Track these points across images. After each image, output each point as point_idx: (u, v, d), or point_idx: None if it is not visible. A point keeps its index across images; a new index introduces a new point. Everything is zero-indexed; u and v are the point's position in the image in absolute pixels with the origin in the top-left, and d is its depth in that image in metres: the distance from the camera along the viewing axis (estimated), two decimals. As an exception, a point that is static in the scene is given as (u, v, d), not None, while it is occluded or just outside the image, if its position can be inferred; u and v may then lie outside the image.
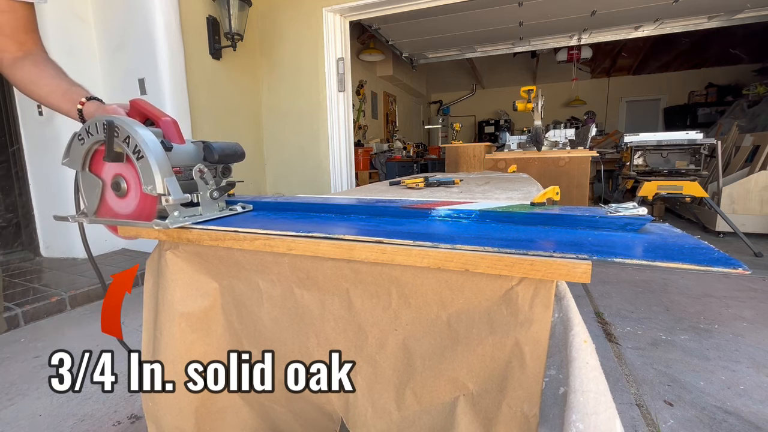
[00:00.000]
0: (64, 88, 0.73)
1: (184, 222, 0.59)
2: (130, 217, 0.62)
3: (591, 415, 0.36)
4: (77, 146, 0.63)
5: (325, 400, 0.59)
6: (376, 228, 0.53)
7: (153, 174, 0.55)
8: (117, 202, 0.64)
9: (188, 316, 0.65)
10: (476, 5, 3.77)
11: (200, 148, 0.64)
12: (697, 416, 1.10)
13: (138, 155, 0.56)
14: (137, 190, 0.60)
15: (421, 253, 0.44)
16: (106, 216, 0.65)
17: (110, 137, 0.57)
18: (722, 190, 3.22)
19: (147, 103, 0.63)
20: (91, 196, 0.66)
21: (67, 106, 0.72)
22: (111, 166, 0.62)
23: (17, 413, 1.17)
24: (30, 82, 0.73)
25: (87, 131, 0.60)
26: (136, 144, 0.56)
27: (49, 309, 1.88)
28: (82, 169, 0.64)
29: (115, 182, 0.62)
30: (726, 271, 0.33)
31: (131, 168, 0.60)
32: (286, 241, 0.52)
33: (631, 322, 1.69)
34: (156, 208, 0.59)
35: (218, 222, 0.61)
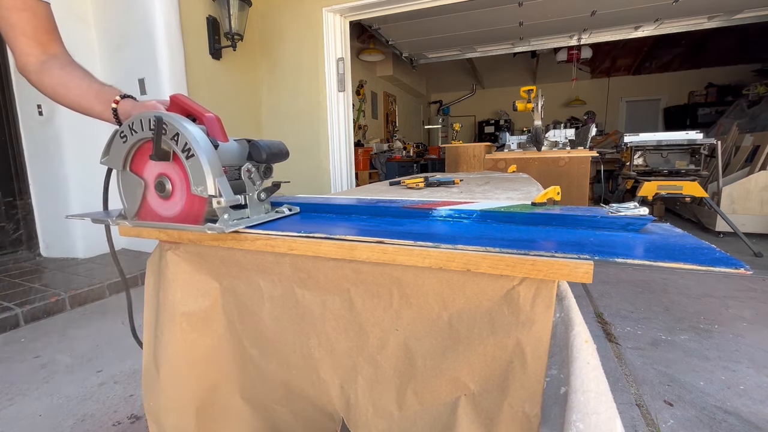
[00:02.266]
0: (95, 90, 0.69)
1: (237, 226, 0.55)
2: (175, 219, 0.59)
3: (591, 414, 0.36)
4: (119, 144, 0.59)
5: (326, 400, 0.59)
6: (377, 228, 0.53)
7: (204, 174, 0.51)
8: (160, 203, 0.60)
9: (189, 315, 0.65)
10: (476, 5, 3.77)
11: (244, 147, 0.60)
12: (697, 416, 1.10)
13: (188, 154, 0.52)
14: (183, 191, 0.57)
15: (423, 253, 0.44)
16: (147, 218, 0.61)
17: (158, 134, 0.53)
18: (722, 190, 3.22)
19: (188, 99, 0.60)
20: (131, 197, 0.62)
21: (100, 108, 0.68)
22: (154, 166, 0.59)
23: (17, 413, 1.17)
24: (59, 85, 0.69)
25: (131, 128, 0.56)
26: (186, 142, 0.52)
27: (49, 309, 1.88)
28: (123, 169, 0.60)
29: (159, 182, 0.58)
30: (727, 271, 0.33)
31: (177, 167, 0.56)
32: (287, 241, 0.52)
33: (631, 322, 1.69)
34: (204, 210, 0.56)
35: (270, 226, 0.58)
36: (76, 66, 0.72)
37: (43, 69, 0.69)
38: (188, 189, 0.55)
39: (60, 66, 0.70)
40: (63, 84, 0.69)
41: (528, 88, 3.17)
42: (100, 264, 2.50)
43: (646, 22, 4.56)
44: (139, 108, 0.64)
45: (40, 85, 0.70)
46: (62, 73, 0.70)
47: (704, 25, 4.53)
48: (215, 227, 0.54)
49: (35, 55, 0.69)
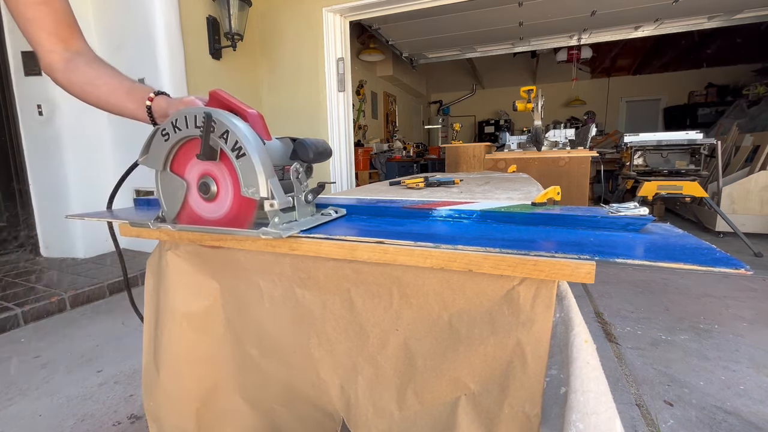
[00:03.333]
0: (126, 87, 0.66)
1: (292, 230, 0.51)
2: (220, 222, 0.55)
3: (591, 414, 0.36)
4: (160, 143, 0.55)
5: (326, 400, 0.59)
6: (377, 228, 0.53)
7: (256, 175, 0.48)
8: (203, 206, 0.56)
9: (189, 316, 0.65)
10: (476, 5, 3.77)
11: (288, 146, 0.57)
12: (697, 416, 1.10)
13: (238, 153, 0.49)
14: (230, 192, 0.54)
15: (424, 254, 0.44)
16: (188, 221, 0.58)
17: (207, 132, 0.50)
18: (722, 190, 3.22)
19: (229, 95, 0.56)
20: (171, 199, 0.58)
21: (132, 106, 0.65)
22: (198, 166, 0.55)
23: (17, 413, 1.17)
24: (87, 83, 0.66)
25: (174, 125, 0.53)
26: (236, 140, 0.49)
27: (49, 309, 1.88)
28: (163, 169, 0.57)
29: (203, 184, 0.55)
30: (728, 271, 0.33)
31: (224, 168, 0.53)
32: (288, 241, 0.51)
33: (631, 322, 1.69)
34: (254, 213, 0.53)
35: (322, 229, 0.54)
36: (102, 62, 0.69)
37: (69, 67, 0.66)
38: (236, 190, 0.52)
39: (86, 63, 0.67)
40: (91, 82, 0.66)
41: (528, 88, 3.17)
42: (100, 264, 2.50)
43: (646, 22, 4.56)
44: (175, 105, 0.61)
45: (67, 84, 0.67)
46: (89, 71, 0.66)
47: (704, 25, 4.53)
48: (270, 232, 0.50)
49: (58, 52, 0.65)
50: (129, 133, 2.65)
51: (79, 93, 0.67)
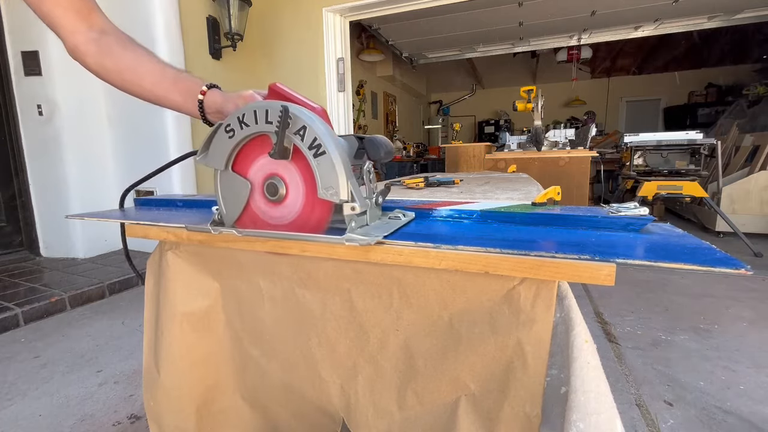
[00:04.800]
0: (171, 76, 0.59)
1: (377, 235, 0.47)
2: (289, 227, 0.51)
3: (592, 414, 0.36)
4: (223, 140, 0.51)
5: (326, 400, 0.59)
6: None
7: (337, 175, 0.45)
8: (269, 208, 0.52)
9: (189, 315, 0.65)
10: (476, 5, 3.77)
11: (353, 144, 0.52)
12: (697, 416, 1.10)
13: (316, 151, 0.45)
14: (301, 194, 0.50)
15: (440, 255, 0.43)
16: (251, 225, 0.53)
17: (283, 128, 0.45)
18: (722, 190, 3.22)
19: (290, 89, 0.52)
20: (232, 201, 0.53)
21: (179, 98, 0.59)
22: (265, 165, 0.51)
23: (17, 413, 1.17)
24: (127, 70, 0.58)
25: (241, 121, 0.49)
26: (314, 137, 0.45)
27: (49, 309, 1.88)
28: (225, 168, 0.52)
29: (269, 185, 0.50)
30: (728, 271, 0.33)
31: (293, 167, 0.49)
32: (299, 243, 0.51)
33: (631, 322, 1.69)
34: (329, 217, 0.49)
35: (401, 234, 0.49)
36: (136, 44, 0.61)
37: (101, 50, 0.58)
38: (308, 192, 0.49)
39: (119, 45, 0.59)
40: (131, 69, 0.59)
41: (528, 88, 3.17)
42: (100, 264, 2.50)
43: (646, 22, 4.56)
44: (232, 100, 0.56)
45: (101, 70, 0.59)
46: (126, 55, 0.59)
47: (704, 25, 4.53)
48: (357, 238, 0.46)
49: (82, 32, 0.58)
50: (129, 133, 2.66)
51: (116, 81, 0.60)
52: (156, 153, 2.54)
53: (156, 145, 2.55)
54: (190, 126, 2.65)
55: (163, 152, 2.54)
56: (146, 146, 2.60)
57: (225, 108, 0.58)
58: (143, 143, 2.61)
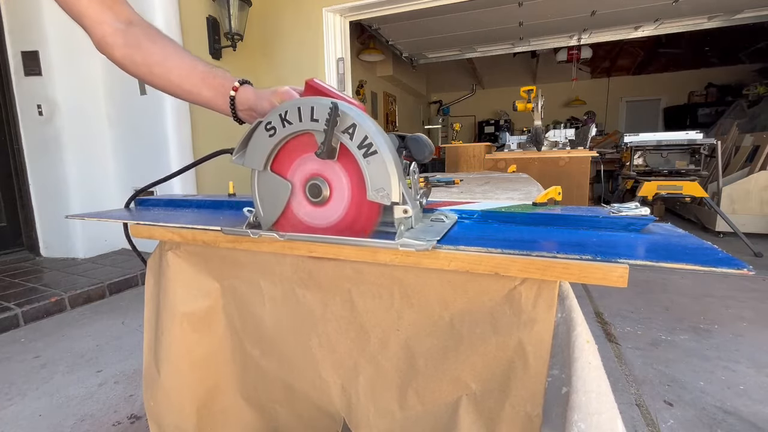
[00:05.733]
0: (201, 72, 0.57)
1: (432, 240, 0.44)
2: (332, 230, 0.48)
3: (593, 414, 0.36)
4: (263, 139, 0.48)
5: (327, 400, 0.59)
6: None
7: (389, 176, 0.42)
8: (310, 211, 0.50)
9: (189, 316, 0.65)
10: (476, 5, 3.77)
11: (394, 142, 0.49)
12: (697, 416, 1.10)
13: (367, 150, 0.43)
14: (347, 196, 0.47)
15: (449, 257, 0.43)
16: (288, 228, 0.51)
17: (332, 127, 0.43)
18: (722, 190, 3.22)
19: (328, 85, 0.50)
20: (271, 203, 0.51)
21: (208, 94, 0.57)
22: (306, 165, 0.49)
23: (17, 413, 1.17)
24: (156, 63, 0.56)
25: (283, 119, 0.46)
26: (365, 135, 0.43)
27: (49, 309, 1.88)
28: (264, 169, 0.50)
29: (312, 186, 0.48)
30: (729, 271, 0.33)
31: (338, 167, 0.47)
32: (306, 243, 0.51)
33: (631, 322, 1.69)
34: (377, 220, 0.46)
35: (451, 238, 0.46)
36: (163, 36, 0.59)
37: (128, 41, 0.56)
38: (354, 194, 0.46)
39: (148, 37, 0.58)
40: (160, 62, 0.57)
41: (528, 88, 3.17)
42: (100, 264, 2.50)
43: (646, 22, 4.56)
44: (266, 97, 0.54)
45: (129, 64, 0.58)
46: (155, 48, 0.57)
47: (704, 25, 4.53)
48: (415, 243, 0.43)
49: (109, 23, 0.56)
50: (129, 133, 2.65)
51: (145, 75, 0.58)
52: (156, 153, 2.54)
53: (156, 145, 2.55)
54: (190, 126, 2.65)
55: (163, 152, 2.54)
56: (146, 146, 2.60)
57: (258, 105, 0.56)
58: (143, 143, 2.61)
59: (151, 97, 2.52)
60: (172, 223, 0.62)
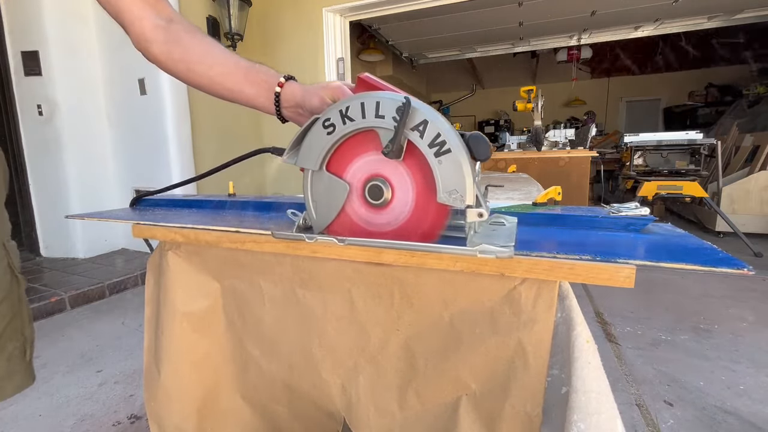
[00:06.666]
0: (243, 68, 0.55)
1: (510, 246, 0.41)
2: (392, 235, 0.46)
3: (593, 414, 0.36)
4: (320, 136, 0.45)
5: (327, 400, 0.59)
6: None
7: (463, 177, 0.40)
8: (368, 213, 0.47)
9: (190, 316, 0.65)
10: (476, 5, 3.77)
11: None
12: (697, 416, 1.10)
13: (439, 149, 0.40)
14: (410, 198, 0.44)
15: (454, 258, 0.43)
16: (342, 232, 0.48)
17: (403, 123, 0.40)
18: (722, 190, 3.22)
19: (382, 81, 0.47)
20: (326, 205, 0.48)
21: (251, 91, 0.55)
22: (365, 165, 0.46)
23: (17, 413, 1.17)
24: (196, 61, 0.55)
25: (344, 115, 0.43)
26: (437, 133, 0.40)
27: (49, 309, 1.88)
28: (319, 169, 0.47)
29: (372, 186, 0.45)
30: (729, 271, 0.33)
31: (402, 167, 0.44)
32: (310, 245, 0.50)
33: (631, 322, 1.69)
34: (445, 224, 0.44)
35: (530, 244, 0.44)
36: (203, 33, 0.57)
37: (168, 38, 0.54)
38: (419, 196, 0.44)
39: (188, 33, 0.55)
40: (200, 59, 0.55)
41: (528, 88, 3.17)
42: (100, 264, 2.50)
43: (646, 22, 4.56)
44: (316, 93, 0.52)
45: (168, 60, 0.55)
46: (195, 44, 0.55)
47: (704, 25, 4.53)
48: (496, 250, 0.39)
49: (150, 19, 0.54)
50: (129, 133, 2.66)
51: (183, 73, 0.56)
52: (156, 153, 2.54)
53: (156, 145, 2.55)
54: (189, 126, 2.65)
55: (163, 152, 2.54)
56: (146, 146, 2.60)
57: (307, 102, 0.53)
58: (143, 143, 2.61)
59: (151, 97, 2.52)
60: (171, 222, 0.62)
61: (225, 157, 0.93)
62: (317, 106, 0.52)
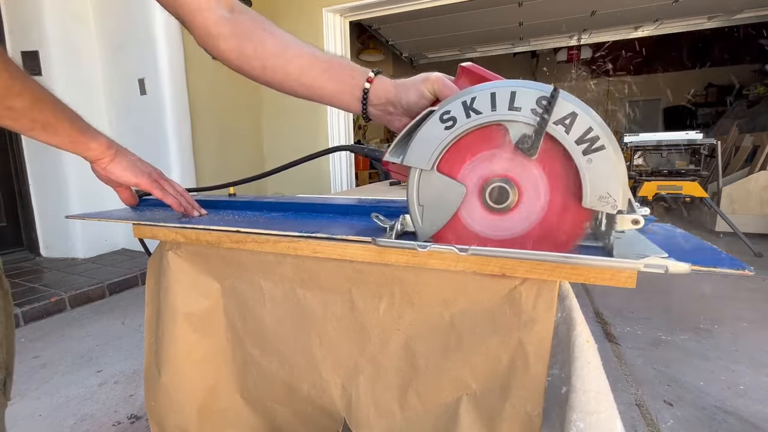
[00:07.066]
0: (323, 62, 0.49)
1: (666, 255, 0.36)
2: (516, 243, 0.41)
3: (592, 414, 0.36)
4: (435, 132, 0.40)
5: (327, 400, 0.59)
6: None
7: (617, 178, 0.36)
8: (487, 218, 0.42)
9: (190, 316, 0.65)
10: (476, 5, 3.77)
11: None
12: (697, 416, 1.10)
13: (590, 146, 0.35)
14: (544, 201, 0.39)
15: (455, 258, 0.43)
16: (452, 238, 0.43)
17: (547, 116, 0.36)
18: (722, 190, 3.22)
19: (489, 71, 0.43)
20: (437, 208, 0.43)
21: (333, 88, 0.49)
22: (483, 164, 0.41)
23: (17, 413, 1.17)
24: (270, 54, 0.48)
25: (469, 107, 0.38)
26: (588, 127, 0.35)
27: (49, 309, 1.88)
28: (431, 168, 0.42)
29: (496, 189, 0.40)
30: (729, 271, 0.33)
31: (534, 167, 0.39)
32: (311, 244, 0.50)
33: (631, 322, 1.69)
34: (583, 231, 0.39)
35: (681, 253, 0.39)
36: (272, 23, 0.51)
37: (236, 31, 0.48)
38: (555, 199, 0.39)
39: (258, 25, 0.49)
40: (275, 53, 0.48)
41: (528, 88, 3.16)
42: (100, 264, 2.50)
43: (646, 22, 4.56)
44: (413, 86, 0.46)
45: (239, 56, 0.49)
46: (267, 37, 0.49)
47: (704, 25, 4.53)
48: (664, 263, 0.34)
49: (212, 9, 0.48)
50: (129, 133, 2.65)
51: (256, 69, 0.50)
52: (156, 153, 2.54)
53: (156, 145, 2.55)
54: (189, 126, 2.65)
55: (163, 152, 2.54)
56: (146, 146, 2.59)
57: (402, 97, 0.47)
58: (143, 143, 2.60)
59: (151, 97, 2.52)
60: (169, 223, 0.62)
61: (225, 157, 0.92)
62: (415, 101, 0.47)
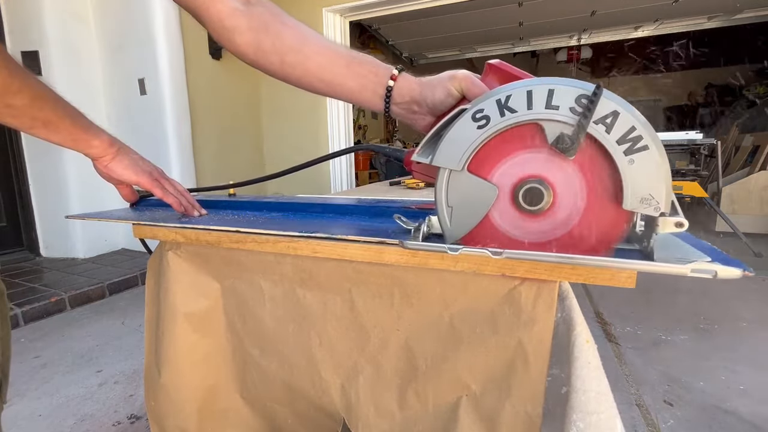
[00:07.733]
0: (344, 57, 0.47)
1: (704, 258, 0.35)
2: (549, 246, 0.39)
3: (592, 414, 0.36)
4: (467, 131, 0.39)
5: (327, 400, 0.59)
6: (379, 227, 0.53)
7: (661, 179, 0.35)
8: (519, 221, 0.40)
9: (190, 316, 0.65)
10: (476, 5, 3.77)
11: None
12: (697, 416, 1.10)
13: (632, 145, 0.34)
14: (581, 203, 0.38)
15: (455, 258, 0.43)
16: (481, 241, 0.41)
17: (592, 114, 0.34)
18: (722, 190, 3.22)
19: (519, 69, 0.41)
20: (466, 210, 0.41)
21: (353, 85, 0.47)
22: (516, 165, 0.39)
23: (17, 413, 1.17)
24: (289, 48, 0.46)
25: (503, 105, 0.37)
26: (631, 126, 0.34)
27: (49, 309, 1.88)
28: (462, 168, 0.40)
29: (529, 190, 0.38)
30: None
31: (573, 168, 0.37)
32: (311, 244, 0.50)
33: (631, 322, 1.69)
34: (621, 235, 0.38)
35: None
36: (290, 16, 0.49)
37: (252, 24, 0.46)
38: (592, 201, 0.37)
39: (275, 17, 0.47)
40: (295, 48, 0.46)
41: (528, 88, 3.17)
42: (100, 264, 2.50)
43: (646, 22, 4.56)
44: (440, 84, 0.45)
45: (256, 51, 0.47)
46: (286, 30, 0.47)
47: (704, 25, 4.53)
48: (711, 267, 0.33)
49: (225, 1, 0.46)
50: (129, 133, 2.65)
51: (274, 64, 0.48)
52: (156, 153, 2.54)
53: (156, 145, 2.55)
54: (189, 126, 2.65)
55: (163, 152, 2.54)
56: (146, 146, 2.59)
57: (427, 95, 0.46)
58: (143, 143, 2.60)
59: (151, 97, 2.52)
60: (169, 223, 0.62)
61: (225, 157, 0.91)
62: (441, 100, 0.45)
